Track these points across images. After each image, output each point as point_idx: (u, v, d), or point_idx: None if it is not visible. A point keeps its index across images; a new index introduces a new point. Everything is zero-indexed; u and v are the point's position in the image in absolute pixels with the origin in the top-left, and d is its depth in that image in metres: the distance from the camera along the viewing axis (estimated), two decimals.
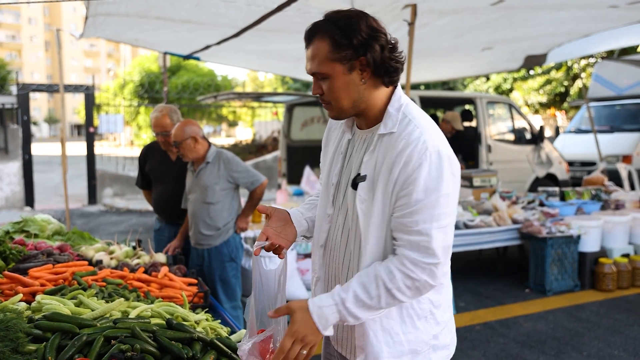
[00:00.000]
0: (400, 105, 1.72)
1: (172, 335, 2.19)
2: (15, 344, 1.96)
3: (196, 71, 28.61)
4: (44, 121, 73.33)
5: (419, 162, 1.59)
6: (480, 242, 5.79)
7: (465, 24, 6.35)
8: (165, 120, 4.29)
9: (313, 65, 1.68)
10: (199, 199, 4.14)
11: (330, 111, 1.76)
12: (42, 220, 4.18)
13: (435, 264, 1.61)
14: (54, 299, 2.46)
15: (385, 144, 1.69)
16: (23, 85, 12.48)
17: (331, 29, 1.64)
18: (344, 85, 1.68)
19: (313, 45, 1.68)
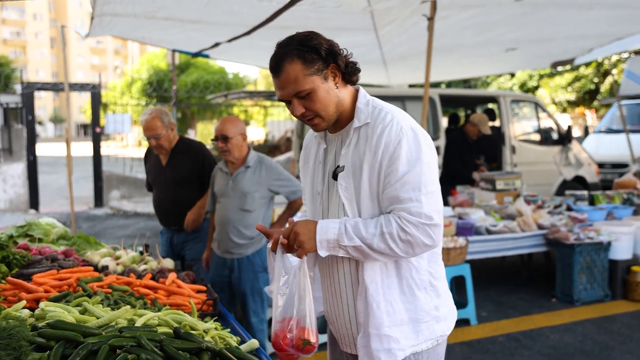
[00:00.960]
0: (368, 100, 1.99)
1: (179, 345, 2.21)
2: (18, 352, 1.98)
3: (206, 69, 28.80)
4: (50, 120, 74.11)
5: (397, 140, 1.85)
6: (503, 248, 5.75)
7: (488, 20, 6.31)
8: (156, 123, 4.23)
9: (292, 87, 1.89)
10: (235, 205, 4.02)
11: (318, 125, 1.97)
12: (47, 224, 4.23)
13: (429, 225, 1.82)
14: (58, 306, 2.48)
15: (362, 135, 1.94)
16: (27, 83, 12.63)
17: (297, 49, 1.87)
18: (325, 94, 1.92)
19: (284, 70, 1.88)
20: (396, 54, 7.94)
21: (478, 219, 5.81)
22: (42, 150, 29.92)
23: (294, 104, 1.93)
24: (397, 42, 7.18)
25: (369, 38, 6.80)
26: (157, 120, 4.23)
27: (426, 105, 6.25)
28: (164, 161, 4.43)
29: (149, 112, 4.30)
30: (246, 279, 4.06)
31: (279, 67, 1.89)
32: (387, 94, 8.76)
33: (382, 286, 1.94)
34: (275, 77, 1.92)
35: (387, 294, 1.94)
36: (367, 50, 7.49)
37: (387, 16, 6.01)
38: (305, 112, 1.93)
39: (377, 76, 9.99)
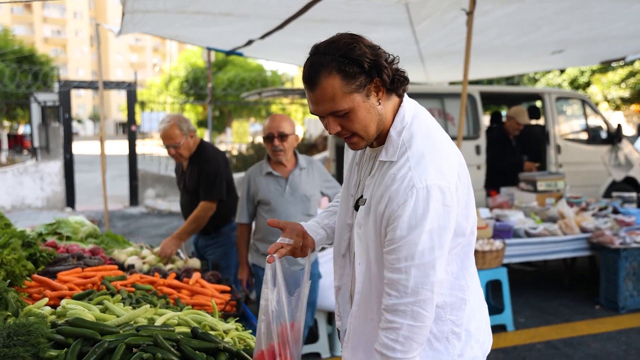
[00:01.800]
0: (403, 127, 1.76)
1: (196, 345, 2.26)
2: (36, 349, 2.05)
3: (244, 66, 29.04)
4: (89, 119, 75.91)
5: (403, 199, 1.64)
6: (543, 252, 5.65)
7: (531, 16, 6.19)
8: (174, 131, 4.14)
9: (328, 105, 1.69)
10: (298, 210, 3.87)
11: (356, 144, 1.79)
12: (76, 222, 4.36)
13: (416, 303, 1.64)
14: (79, 304, 2.56)
15: (383, 172, 1.76)
16: (65, 82, 12.98)
17: (336, 61, 1.65)
18: (366, 113, 1.72)
19: (320, 85, 1.67)
20: (434, 51, 7.87)
21: (517, 221, 5.73)
22: (80, 149, 30.69)
23: (329, 122, 1.74)
24: (435, 38, 7.12)
25: (405, 33, 6.76)
26: (175, 128, 4.14)
27: (464, 103, 6.18)
28: (185, 166, 4.42)
29: (167, 120, 4.20)
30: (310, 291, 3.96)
31: (314, 80, 1.68)
32: (425, 92, 8.70)
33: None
34: (309, 90, 1.71)
35: None
36: (403, 47, 7.44)
37: (423, 10, 5.96)
38: (342, 131, 1.75)
39: (414, 73, 9.91)
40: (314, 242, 2.07)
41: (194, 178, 4.27)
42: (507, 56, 8.45)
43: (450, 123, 8.30)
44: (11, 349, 2.00)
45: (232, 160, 18.51)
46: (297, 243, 1.99)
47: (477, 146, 8.30)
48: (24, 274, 2.95)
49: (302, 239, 2.00)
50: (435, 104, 8.31)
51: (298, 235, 2.00)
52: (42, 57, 28.57)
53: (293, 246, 1.98)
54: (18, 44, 28.48)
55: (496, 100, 11.44)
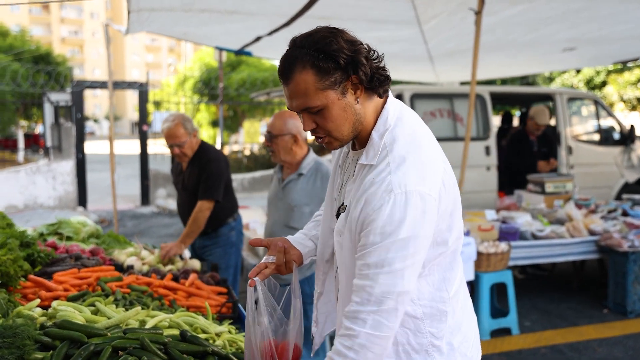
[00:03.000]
0: (385, 130, 1.68)
1: (184, 348, 2.24)
2: (22, 351, 2.04)
3: (257, 66, 29.04)
4: (105, 118, 76.42)
5: (380, 204, 1.56)
6: (550, 254, 5.58)
7: (540, 16, 6.12)
8: (179, 130, 4.14)
9: (301, 101, 1.62)
10: (280, 220, 3.66)
11: (330, 144, 1.71)
12: (78, 222, 4.36)
13: (378, 312, 1.55)
14: (71, 306, 2.55)
15: (362, 177, 1.67)
16: (77, 82, 13.07)
17: (311, 55, 1.58)
18: (341, 111, 1.64)
19: (294, 80, 1.60)
20: (444, 51, 7.81)
21: (524, 223, 5.66)
22: (95, 148, 30.93)
23: (303, 118, 1.67)
24: (444, 37, 7.07)
25: (413, 32, 6.71)
26: (180, 127, 4.14)
27: (472, 104, 6.12)
28: (184, 166, 4.40)
29: (171, 119, 4.19)
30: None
31: (287, 74, 1.61)
32: (434, 92, 8.64)
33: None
34: (283, 84, 1.65)
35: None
36: (411, 46, 7.39)
37: (431, 9, 5.92)
38: (315, 129, 1.68)
39: (423, 73, 9.85)
40: (300, 255, 1.97)
41: (195, 177, 4.25)
42: (516, 53, 8.35)
43: (459, 123, 8.24)
44: None
45: (243, 160, 18.56)
46: (280, 260, 1.89)
47: (487, 147, 8.24)
48: (20, 274, 2.95)
49: (283, 255, 1.91)
50: (445, 104, 8.25)
51: (279, 251, 1.91)
52: (58, 57, 28.84)
53: (276, 264, 1.89)
54: (35, 44, 28.77)
55: (507, 101, 11.35)
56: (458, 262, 1.80)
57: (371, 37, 6.94)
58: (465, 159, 6.15)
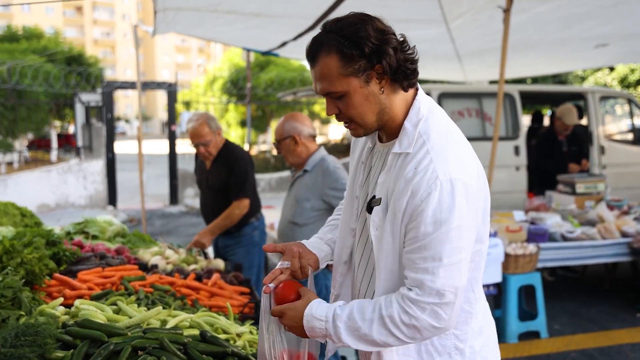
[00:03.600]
0: (419, 120, 1.66)
1: (204, 349, 2.23)
2: (43, 349, 2.05)
3: (285, 66, 29.10)
4: (136, 118, 77.55)
5: (427, 192, 1.52)
6: (580, 256, 5.46)
7: (572, 12, 5.99)
8: (204, 129, 4.16)
9: (324, 85, 1.62)
10: (287, 216, 3.74)
11: (354, 130, 1.70)
12: (104, 221, 4.40)
13: (439, 304, 1.53)
14: (93, 305, 2.56)
15: (399, 166, 1.64)
16: (108, 82, 13.25)
17: (337, 41, 1.57)
18: (364, 99, 1.62)
19: (319, 63, 1.60)
20: (471, 49, 7.72)
21: (553, 225, 5.55)
22: (126, 148, 31.33)
23: (326, 102, 1.67)
24: (472, 36, 6.98)
25: (440, 31, 6.64)
26: (204, 126, 4.17)
27: (500, 103, 6.03)
28: (208, 165, 4.41)
29: (196, 118, 4.22)
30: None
31: (313, 57, 1.62)
32: (462, 91, 8.55)
33: (397, 352, 1.69)
34: (310, 66, 1.65)
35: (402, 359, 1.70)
36: (438, 45, 7.32)
37: (457, 7, 5.85)
38: (339, 115, 1.67)
39: (451, 72, 9.75)
40: (316, 260, 1.92)
41: (221, 176, 4.27)
42: (547, 51, 8.22)
43: (488, 123, 8.13)
44: (18, 349, 2.01)
45: (271, 160, 18.62)
46: (295, 265, 1.84)
47: (516, 147, 8.12)
48: (45, 272, 2.98)
49: (298, 260, 1.85)
50: (473, 103, 8.16)
51: (294, 256, 1.85)
52: (90, 58, 29.28)
53: (291, 269, 1.85)
54: (68, 46, 29.26)
55: (537, 100, 11.17)
56: (483, 263, 1.77)
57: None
58: (493, 158, 6.06)
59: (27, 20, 50.43)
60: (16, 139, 22.49)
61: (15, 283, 2.47)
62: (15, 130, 21.26)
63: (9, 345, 2.02)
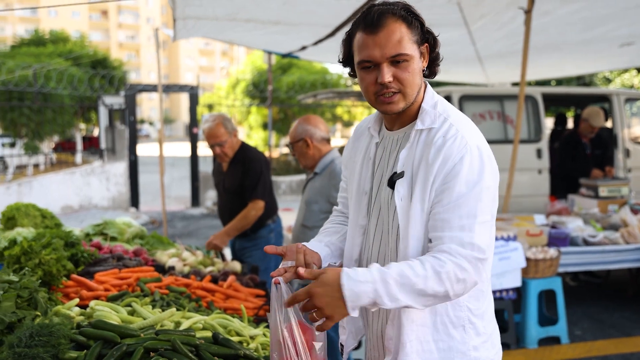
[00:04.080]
0: (435, 103, 1.77)
1: (215, 351, 2.24)
2: (57, 349, 2.08)
3: (308, 69, 29.14)
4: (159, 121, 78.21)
5: (459, 156, 1.63)
6: (602, 261, 5.37)
7: (595, 14, 5.90)
8: (220, 130, 4.19)
9: (392, 47, 1.66)
10: (299, 219, 3.77)
11: (395, 103, 1.72)
12: (123, 223, 4.45)
13: (482, 260, 1.60)
14: (108, 306, 2.59)
15: (423, 140, 1.73)
16: (130, 85, 13.39)
17: (403, 10, 1.69)
18: (418, 71, 1.72)
19: (387, 27, 1.66)
20: (493, 51, 7.66)
21: (575, 229, 5.47)
22: (150, 150, 31.60)
23: (383, 70, 1.67)
24: (493, 38, 6.93)
25: (461, 34, 6.60)
26: (220, 126, 4.19)
27: (521, 105, 6.00)
28: (224, 167, 4.43)
29: (212, 119, 4.25)
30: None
31: (380, 22, 1.66)
32: (483, 93, 8.48)
33: (415, 322, 1.71)
34: (371, 32, 1.67)
35: (420, 332, 1.71)
36: (460, 48, 7.28)
37: (477, 9, 5.81)
38: (391, 83, 1.68)
39: (473, 75, 9.68)
40: (319, 258, 1.90)
41: (237, 178, 4.29)
42: (570, 53, 8.11)
43: (509, 125, 8.05)
44: (32, 349, 2.03)
45: (292, 163, 18.65)
46: (300, 261, 1.80)
47: (539, 149, 8.02)
48: (63, 273, 3.01)
49: (303, 256, 1.82)
50: (494, 105, 8.08)
51: (298, 252, 1.83)
52: (115, 61, 29.64)
53: (296, 265, 1.80)
54: (93, 49, 29.65)
55: (561, 102, 11.04)
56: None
57: None
58: (514, 161, 6.01)
59: (54, 24, 51.31)
60: (42, 141, 22.81)
61: (31, 284, 2.50)
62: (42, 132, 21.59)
63: (24, 345, 2.04)
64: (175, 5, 5.04)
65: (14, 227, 4.06)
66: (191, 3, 5.05)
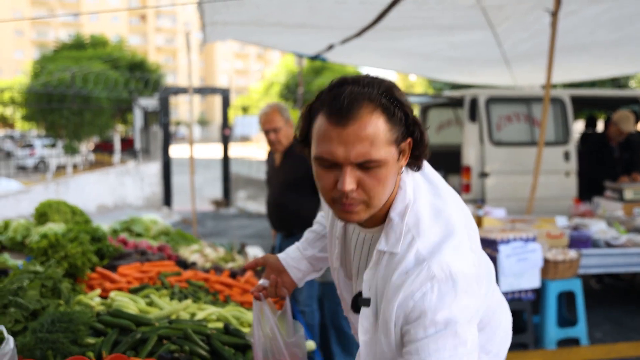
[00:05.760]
0: (406, 208, 1.42)
1: (226, 340, 2.34)
2: (76, 336, 2.20)
3: (340, 71, 29.30)
4: (196, 123, 79.21)
5: (421, 294, 1.31)
6: (625, 264, 5.30)
7: (624, 13, 5.83)
8: (276, 116, 4.14)
9: (362, 149, 1.30)
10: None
11: (356, 214, 1.38)
12: (150, 220, 4.60)
13: None
14: (127, 297, 2.71)
15: (385, 265, 1.41)
16: (165, 88, 13.66)
17: (384, 98, 1.32)
18: (392, 175, 1.37)
19: (358, 120, 1.29)
20: (520, 53, 7.62)
21: (597, 231, 5.43)
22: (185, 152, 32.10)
23: (345, 174, 1.32)
24: (519, 39, 6.90)
25: (486, 35, 6.59)
26: (277, 113, 4.15)
27: (546, 108, 5.98)
28: (277, 161, 4.34)
29: (269, 106, 4.23)
30: (327, 308, 3.80)
31: (351, 112, 1.29)
32: (510, 96, 8.43)
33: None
34: (337, 123, 1.30)
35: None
36: (485, 49, 7.26)
37: (502, 12, 5.80)
38: (354, 192, 1.34)
39: (500, 77, 9.63)
40: (292, 283, 1.87)
41: (296, 170, 4.13)
42: (601, 54, 8.01)
43: (537, 128, 7.99)
44: (52, 334, 2.16)
45: None
46: (271, 293, 1.80)
47: (566, 152, 7.94)
48: (88, 266, 3.15)
49: (274, 288, 1.82)
50: (522, 108, 8.03)
51: (271, 285, 1.81)
52: (152, 64, 30.25)
53: (268, 294, 1.80)
54: (132, 53, 30.29)
55: (591, 105, 10.89)
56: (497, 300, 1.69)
57: (442, 41, 6.93)
58: (538, 164, 5.99)
59: (95, 28, 52.40)
60: (81, 142, 23.41)
61: (55, 274, 2.64)
62: (81, 133, 22.16)
63: (45, 331, 2.17)
64: (204, 13, 5.19)
65: (46, 222, 4.23)
66: (218, 11, 5.19)
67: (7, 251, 4.04)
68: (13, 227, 4.22)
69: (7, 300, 2.41)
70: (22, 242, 4.10)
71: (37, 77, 21.59)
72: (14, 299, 2.39)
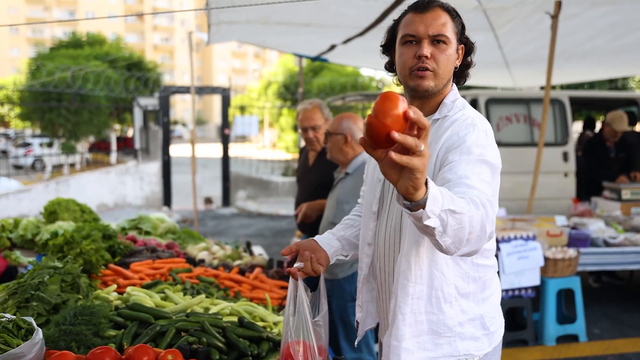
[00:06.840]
0: (456, 98, 1.93)
1: (241, 333, 2.44)
2: (97, 328, 2.31)
3: (339, 71, 29.28)
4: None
5: (465, 132, 1.75)
6: (622, 262, 5.43)
7: (625, 18, 5.92)
8: (316, 113, 4.06)
9: (437, 28, 1.82)
10: (328, 216, 3.77)
11: (425, 79, 1.84)
12: (157, 219, 4.70)
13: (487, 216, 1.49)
14: (143, 292, 2.82)
15: (436, 127, 1.86)
16: (164, 87, 13.74)
17: (449, 8, 1.87)
18: (453, 59, 1.87)
19: (435, 12, 1.84)
20: (520, 55, 7.73)
21: (595, 230, 5.55)
22: (183, 151, 32.15)
23: (423, 44, 1.82)
24: (520, 41, 7.00)
25: (487, 37, 6.69)
26: (318, 110, 4.07)
27: (546, 109, 6.08)
28: (311, 160, 4.27)
29: (310, 102, 4.15)
30: (336, 306, 3.81)
31: (429, 6, 1.85)
32: (510, 97, 8.55)
33: (411, 295, 1.82)
34: (419, 12, 1.85)
35: (415, 304, 1.83)
36: (486, 52, 7.37)
37: (503, 14, 5.90)
38: (428, 59, 1.82)
39: (500, 78, 9.75)
40: (326, 257, 2.10)
41: (324, 172, 4.10)
42: (600, 56, 8.12)
43: (536, 129, 8.11)
44: (75, 327, 2.26)
45: None
46: (307, 268, 2.01)
47: (565, 153, 8.06)
48: (101, 263, 3.25)
49: (310, 264, 2.02)
50: (521, 109, 8.15)
51: (306, 260, 2.02)
52: (149, 63, 30.23)
53: (304, 271, 2.00)
54: (129, 51, 30.29)
55: (589, 106, 11.01)
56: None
57: None
58: (538, 164, 6.10)
59: (91, 26, 52.41)
60: (78, 141, 23.44)
61: (74, 270, 2.74)
62: (78, 133, 22.19)
63: (68, 324, 2.28)
64: (210, 12, 5.27)
65: (55, 220, 4.33)
66: (225, 9, 5.28)
67: (17, 249, 4.12)
68: (23, 225, 4.31)
69: (29, 294, 2.51)
70: (32, 239, 4.19)
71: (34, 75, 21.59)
72: (36, 293, 2.50)
